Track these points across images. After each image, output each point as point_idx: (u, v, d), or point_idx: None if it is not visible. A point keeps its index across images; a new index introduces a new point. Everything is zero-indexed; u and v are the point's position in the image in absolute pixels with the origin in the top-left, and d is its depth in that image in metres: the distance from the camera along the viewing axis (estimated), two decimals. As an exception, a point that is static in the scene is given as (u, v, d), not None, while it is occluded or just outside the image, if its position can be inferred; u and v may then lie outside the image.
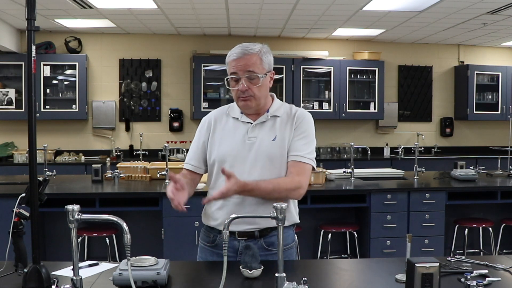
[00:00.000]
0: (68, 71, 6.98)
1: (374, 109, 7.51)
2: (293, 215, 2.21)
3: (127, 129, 7.33)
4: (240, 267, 1.92)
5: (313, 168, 2.18)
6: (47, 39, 6.99)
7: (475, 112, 7.79)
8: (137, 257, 1.88)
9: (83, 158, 6.96)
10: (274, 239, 2.15)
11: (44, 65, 6.79)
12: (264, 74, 2.12)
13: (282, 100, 2.57)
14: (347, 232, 4.58)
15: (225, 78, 2.17)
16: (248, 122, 2.18)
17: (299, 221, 2.25)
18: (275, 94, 2.29)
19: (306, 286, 1.66)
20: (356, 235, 4.51)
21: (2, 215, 3.10)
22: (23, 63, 6.61)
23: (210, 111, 2.34)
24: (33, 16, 1.72)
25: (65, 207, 1.64)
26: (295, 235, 2.35)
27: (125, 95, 7.25)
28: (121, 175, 4.76)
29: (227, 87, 2.17)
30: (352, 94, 7.52)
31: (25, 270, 1.75)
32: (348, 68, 7.40)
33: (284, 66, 7.16)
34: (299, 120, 2.19)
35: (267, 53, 2.15)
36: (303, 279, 1.69)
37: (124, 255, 1.62)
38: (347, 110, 7.41)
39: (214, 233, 2.20)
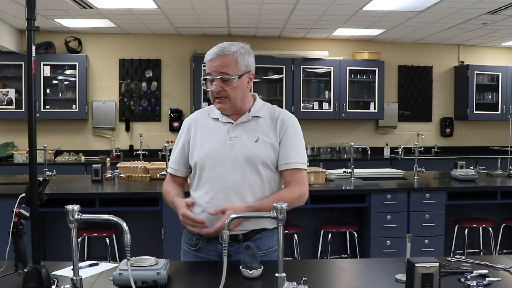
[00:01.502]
0: (68, 71, 6.99)
1: (374, 109, 7.51)
2: None
3: (127, 129, 7.33)
4: (240, 267, 1.92)
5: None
6: (47, 39, 6.99)
7: (475, 112, 7.79)
8: (137, 257, 1.88)
9: (83, 158, 6.97)
10: (258, 242, 2.12)
11: (44, 65, 6.79)
12: (238, 76, 2.07)
13: (282, 100, 2.56)
14: (347, 232, 4.58)
15: (201, 79, 2.16)
16: (228, 122, 2.16)
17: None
18: (275, 94, 2.29)
19: (306, 286, 1.66)
20: (356, 235, 4.50)
21: (2, 215, 3.10)
22: (23, 63, 6.61)
23: None
24: (33, 16, 1.72)
25: (65, 207, 1.64)
26: None
27: (125, 95, 7.25)
28: (121, 175, 4.76)
29: (203, 88, 2.15)
30: (352, 94, 7.52)
31: (25, 270, 1.75)
32: (348, 68, 7.40)
33: (284, 66, 7.15)
34: (284, 126, 2.14)
35: (245, 54, 2.10)
36: (303, 279, 1.69)
37: (124, 255, 1.62)
38: (347, 110, 7.40)
39: (197, 236, 2.17)
